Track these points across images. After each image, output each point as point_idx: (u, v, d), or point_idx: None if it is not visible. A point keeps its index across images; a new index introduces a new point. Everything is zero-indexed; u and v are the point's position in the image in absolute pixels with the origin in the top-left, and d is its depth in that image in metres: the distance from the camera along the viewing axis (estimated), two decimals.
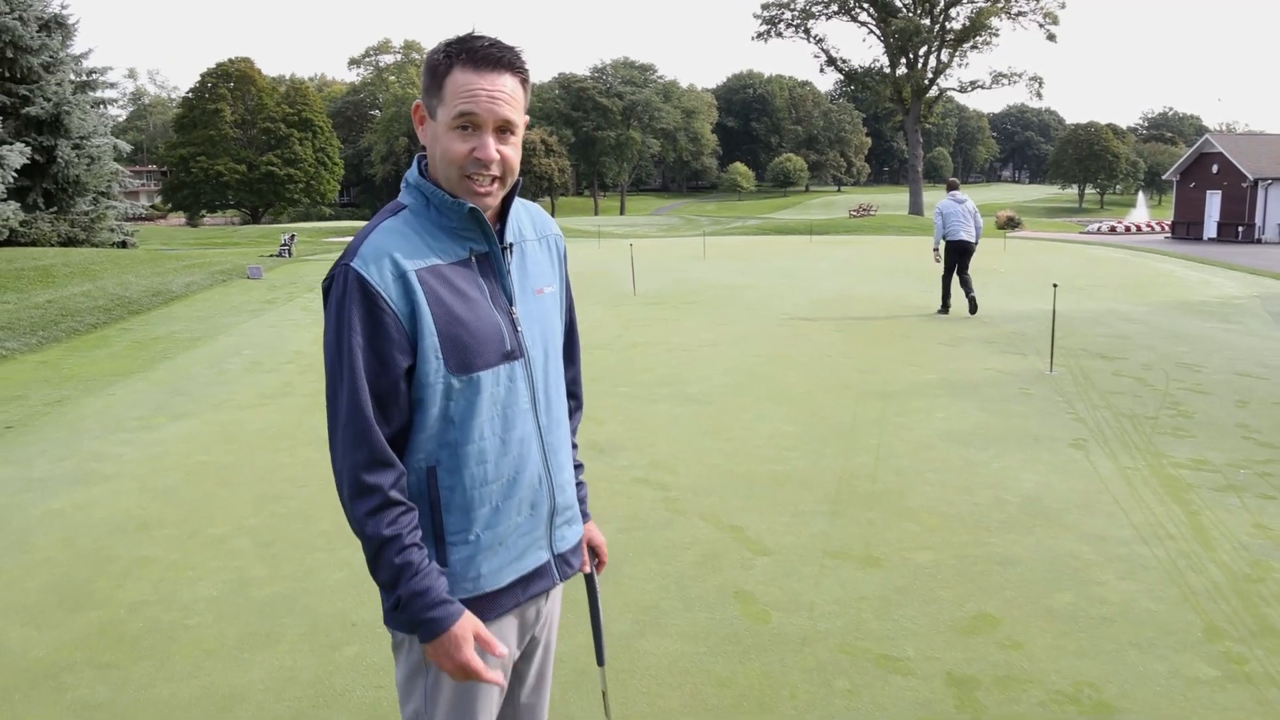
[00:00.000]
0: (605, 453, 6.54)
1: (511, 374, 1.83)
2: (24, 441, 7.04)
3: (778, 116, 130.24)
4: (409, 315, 1.71)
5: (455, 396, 1.76)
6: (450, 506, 1.79)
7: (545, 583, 1.95)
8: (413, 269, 1.73)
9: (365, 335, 1.70)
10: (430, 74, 1.76)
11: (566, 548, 2.00)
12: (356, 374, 1.69)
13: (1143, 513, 5.27)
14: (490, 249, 1.84)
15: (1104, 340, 11.19)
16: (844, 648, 3.75)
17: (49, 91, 24.73)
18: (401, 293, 1.71)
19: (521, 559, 1.88)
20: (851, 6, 65.62)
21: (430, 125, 1.78)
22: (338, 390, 1.72)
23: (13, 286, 15.59)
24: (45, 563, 4.68)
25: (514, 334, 1.84)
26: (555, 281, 1.99)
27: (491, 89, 1.72)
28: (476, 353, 1.77)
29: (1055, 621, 3.96)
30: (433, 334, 1.72)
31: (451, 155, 1.75)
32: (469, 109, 1.71)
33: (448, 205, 1.78)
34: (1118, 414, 7.54)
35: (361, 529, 1.71)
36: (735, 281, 18.53)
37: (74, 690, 3.45)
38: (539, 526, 1.91)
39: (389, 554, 1.71)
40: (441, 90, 1.73)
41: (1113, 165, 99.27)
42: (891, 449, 6.57)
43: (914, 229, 45.53)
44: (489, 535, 1.82)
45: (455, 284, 1.77)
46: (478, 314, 1.78)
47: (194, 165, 77.27)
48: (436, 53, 1.76)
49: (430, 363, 1.73)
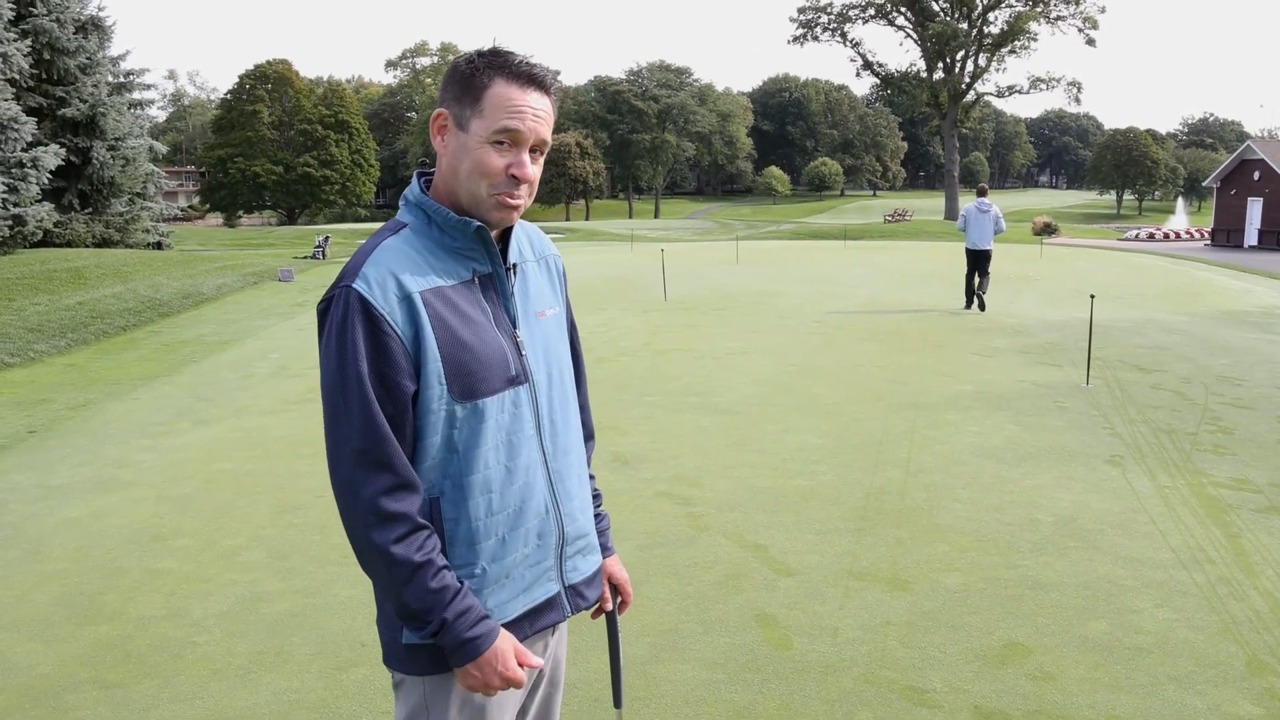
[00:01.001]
0: (629, 465, 6.43)
1: (516, 399, 1.77)
2: (46, 446, 7.05)
3: (813, 120, 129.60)
4: (413, 339, 1.65)
5: (459, 424, 1.70)
6: (455, 539, 1.72)
7: (555, 615, 1.88)
8: (417, 290, 1.67)
9: (370, 360, 1.63)
10: (464, 84, 1.70)
11: (579, 579, 1.92)
12: (368, 398, 1.62)
13: (1181, 535, 5.08)
14: (494, 270, 1.79)
15: (1142, 351, 10.92)
16: (868, 677, 3.61)
17: (85, 93, 25.00)
18: (406, 316, 1.65)
19: (530, 591, 1.81)
20: (888, 10, 65.12)
21: (457, 136, 1.72)
22: (346, 416, 1.63)
23: (45, 288, 15.75)
24: (57, 574, 4.63)
25: (518, 358, 1.78)
26: (557, 304, 1.94)
27: (535, 108, 1.70)
28: (481, 378, 1.71)
29: (1089, 652, 3.80)
30: (436, 359, 1.66)
31: (486, 169, 1.69)
32: (514, 125, 1.67)
33: (452, 224, 1.73)
34: (1156, 430, 7.32)
35: (390, 558, 1.63)
36: (767, 287, 18.37)
37: (75, 711, 3.38)
38: (548, 557, 1.84)
39: (425, 579, 1.64)
40: (480, 102, 1.68)
41: (1152, 171, 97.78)
42: (921, 464, 6.40)
43: (949, 235, 45.07)
44: (495, 568, 1.75)
45: (459, 306, 1.72)
46: (482, 338, 1.72)
47: (231, 166, 78.12)
48: (470, 63, 1.71)
49: (433, 389, 1.67)
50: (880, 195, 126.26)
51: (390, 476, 1.63)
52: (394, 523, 1.62)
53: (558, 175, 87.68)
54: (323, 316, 1.69)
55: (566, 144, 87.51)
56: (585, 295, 16.87)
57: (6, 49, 20.43)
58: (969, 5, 62.99)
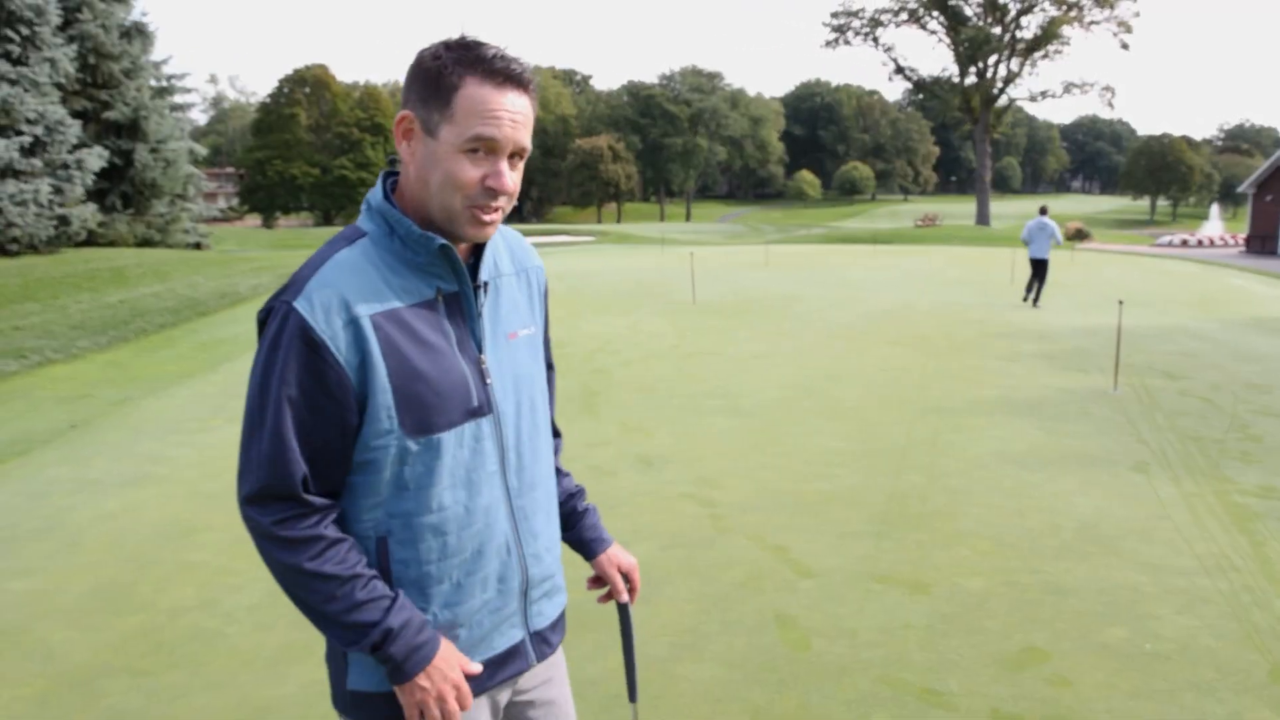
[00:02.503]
0: (652, 466, 6.49)
1: (478, 433, 1.58)
2: (85, 441, 7.21)
3: (845, 125, 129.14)
4: (358, 367, 1.47)
5: (410, 460, 1.52)
6: (403, 582, 1.55)
7: (519, 664, 1.71)
8: (367, 314, 1.47)
9: (302, 389, 1.46)
10: (431, 83, 1.48)
11: (544, 624, 1.76)
12: (283, 430, 1.46)
13: (1205, 542, 5.06)
14: (461, 288, 1.59)
15: (1171, 358, 10.82)
16: (885, 679, 3.63)
17: (128, 97, 25.49)
18: (351, 342, 1.46)
19: (489, 640, 1.65)
20: (921, 15, 64.83)
21: (425, 143, 1.51)
22: (257, 443, 1.48)
23: (88, 286, 16.06)
24: (93, 565, 4.76)
25: (482, 387, 1.59)
26: (532, 323, 1.75)
27: (512, 111, 1.49)
28: (438, 410, 1.53)
29: (1108, 658, 3.80)
30: (386, 391, 1.48)
31: (459, 181, 1.49)
32: (489, 133, 1.47)
33: (414, 238, 1.54)
34: (1183, 436, 7.27)
35: (309, 579, 1.48)
36: (795, 292, 18.36)
37: (108, 698, 3.48)
38: (510, 602, 1.67)
39: (353, 591, 1.49)
40: (450, 106, 1.47)
41: (1186, 177, 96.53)
42: (944, 468, 6.40)
43: (980, 240, 44.74)
44: (448, 614, 1.59)
45: (416, 331, 1.52)
46: (441, 366, 1.54)
47: (270, 168, 79.10)
48: (437, 58, 1.48)
49: (380, 423, 1.49)
50: (911, 200, 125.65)
51: (290, 506, 1.48)
52: (304, 544, 1.47)
53: (590, 179, 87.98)
54: (261, 327, 1.52)
55: (599, 147, 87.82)
56: (614, 298, 16.96)
57: (54, 54, 20.88)
58: (1002, 10, 62.56)
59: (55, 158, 20.87)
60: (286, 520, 1.48)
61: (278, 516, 1.48)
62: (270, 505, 1.48)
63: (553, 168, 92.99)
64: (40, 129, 20.19)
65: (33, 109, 19.85)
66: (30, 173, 19.94)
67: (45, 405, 8.53)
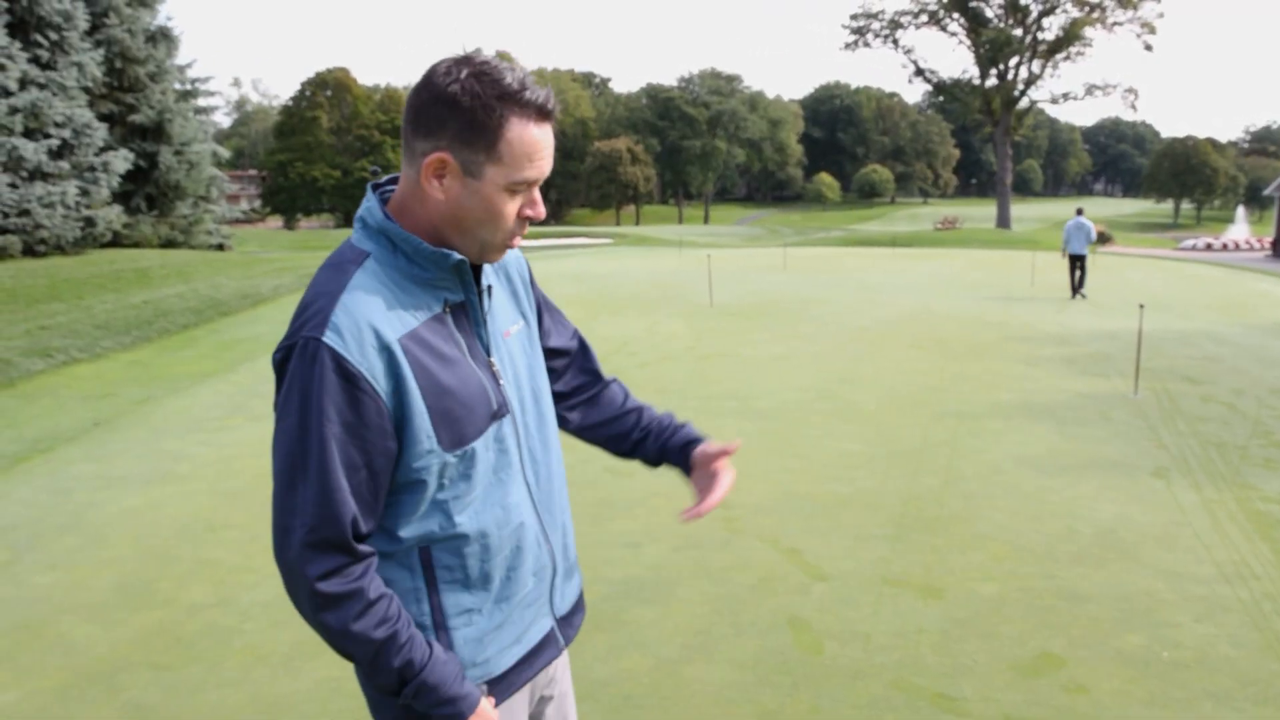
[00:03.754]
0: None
1: (500, 434, 1.61)
2: (109, 439, 7.30)
3: (864, 127, 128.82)
4: (393, 393, 1.46)
5: (450, 473, 1.53)
6: (450, 586, 1.58)
7: (552, 652, 1.76)
8: (396, 338, 1.46)
9: (345, 424, 1.42)
10: (473, 125, 1.44)
11: (567, 608, 1.80)
12: (331, 469, 1.42)
13: (1226, 549, 5.02)
14: (466, 297, 1.59)
15: (1193, 363, 10.74)
16: (898, 683, 3.63)
17: (153, 100, 25.75)
18: (386, 369, 1.44)
19: (528, 632, 1.70)
20: (941, 17, 64.55)
21: (465, 183, 1.48)
22: (298, 484, 1.44)
23: (112, 287, 16.23)
24: (115, 561, 4.83)
25: (496, 389, 1.61)
26: (520, 318, 1.75)
27: (549, 146, 1.50)
28: (468, 421, 1.54)
29: (1124, 665, 3.78)
30: (423, 412, 1.47)
31: (503, 219, 1.51)
32: (535, 175, 1.48)
33: (425, 255, 1.51)
34: (1204, 442, 7.21)
35: (349, 639, 1.47)
36: (813, 294, 18.32)
37: (128, 691, 3.53)
38: (544, 593, 1.73)
39: (387, 659, 1.49)
40: (495, 149, 1.45)
41: (1211, 180, 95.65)
42: (961, 472, 6.38)
43: (1001, 243, 44.51)
44: (498, 613, 1.63)
45: (436, 347, 1.51)
46: (462, 377, 1.54)
47: (292, 170, 79.71)
48: (474, 96, 1.43)
49: (421, 444, 1.49)
50: (931, 203, 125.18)
51: (341, 557, 1.45)
52: (347, 602, 1.46)
53: (608, 181, 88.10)
54: (282, 367, 1.46)
55: (617, 149, 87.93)
56: (632, 300, 16.97)
57: (82, 59, 21.14)
58: (1023, 11, 62.20)
59: (82, 160, 21.12)
60: (331, 574, 1.45)
61: (324, 569, 1.45)
62: (320, 557, 1.45)
63: (571, 170, 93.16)
64: (68, 132, 20.43)
65: (61, 112, 20.09)
66: (58, 175, 20.18)
67: (70, 403, 8.64)
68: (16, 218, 18.95)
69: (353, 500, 1.45)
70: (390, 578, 1.56)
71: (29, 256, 19.69)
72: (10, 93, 19.07)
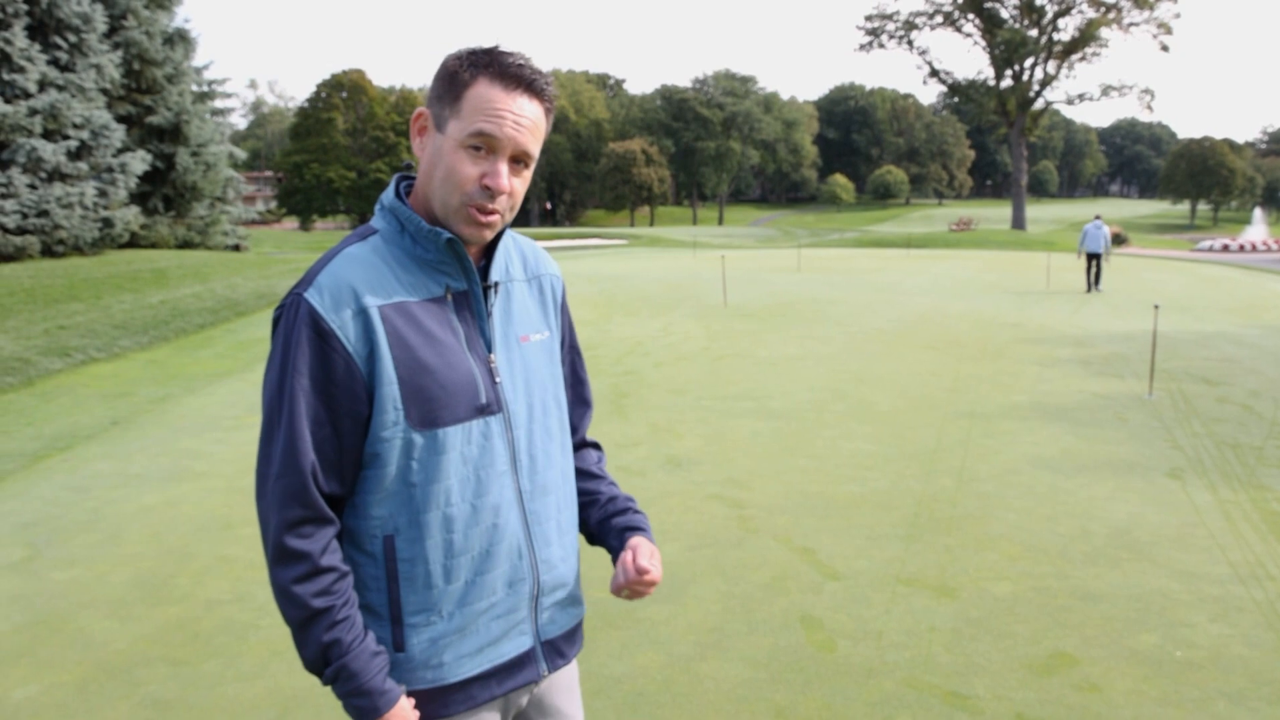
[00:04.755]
0: (681, 467, 6.51)
1: (486, 431, 1.58)
2: (127, 437, 7.37)
3: (879, 128, 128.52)
4: (366, 358, 1.49)
5: (417, 454, 1.53)
6: (411, 582, 1.55)
7: (529, 674, 1.68)
8: (375, 305, 1.50)
9: (313, 379, 1.48)
10: (447, 81, 1.52)
11: (557, 633, 1.72)
12: (297, 421, 1.48)
13: (1241, 550, 5.00)
14: (470, 287, 1.60)
15: (1209, 364, 10.68)
16: (911, 682, 3.63)
17: (171, 101, 25.91)
18: (360, 332, 1.49)
19: (498, 645, 1.63)
20: (956, 18, 64.38)
21: (434, 138, 1.54)
22: (273, 436, 1.50)
23: (130, 287, 16.34)
24: (134, 557, 4.88)
25: (491, 385, 1.59)
26: (546, 329, 1.74)
27: (517, 113, 1.51)
28: (444, 405, 1.53)
29: (1138, 664, 3.77)
30: (393, 382, 1.50)
31: (458, 177, 1.52)
32: (488, 130, 1.49)
33: (423, 233, 1.56)
34: (1220, 443, 7.18)
35: (287, 598, 1.49)
36: (827, 295, 18.30)
37: (146, 686, 3.57)
38: (520, 607, 1.65)
39: (317, 630, 1.49)
40: (459, 102, 1.51)
41: (1228, 180, 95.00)
42: (975, 472, 6.37)
43: (1015, 244, 44.33)
44: (458, 615, 1.58)
45: (424, 325, 1.54)
46: (448, 360, 1.55)
47: (307, 172, 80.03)
48: (457, 59, 1.53)
49: (388, 414, 1.50)
50: (946, 204, 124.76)
51: (299, 510, 1.48)
52: (294, 562, 1.48)
53: (623, 182, 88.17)
54: (274, 326, 1.54)
55: (632, 151, 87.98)
56: (646, 301, 17.00)
57: (100, 61, 21.30)
58: (1039, 12, 61.95)
59: (100, 161, 21.28)
60: (292, 526, 1.49)
61: (286, 519, 1.49)
62: (285, 505, 1.49)
63: (586, 171, 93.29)
64: (86, 133, 20.59)
65: (79, 114, 20.25)
66: (76, 176, 20.33)
67: (89, 402, 8.72)
68: (35, 218, 19.11)
69: (314, 453, 1.49)
70: (356, 561, 1.57)
71: (48, 257, 19.85)
72: (30, 94, 19.24)
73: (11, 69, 18.74)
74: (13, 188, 18.54)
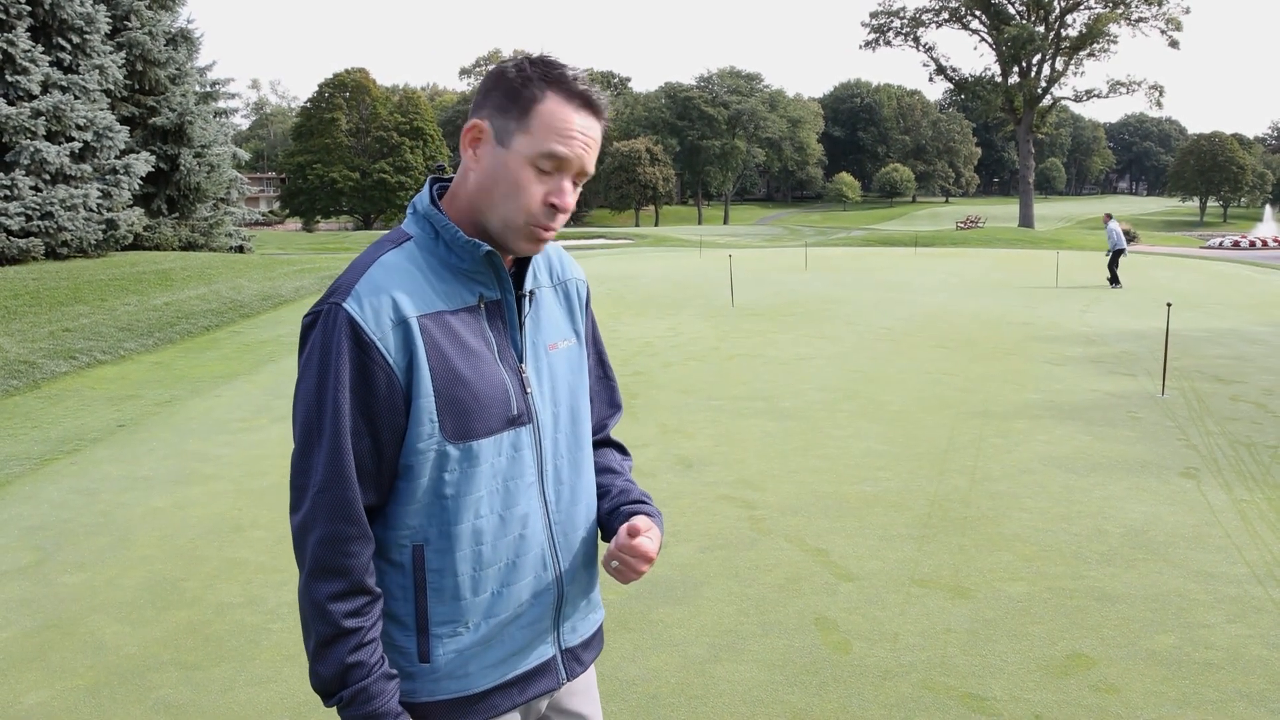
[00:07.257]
0: (692, 468, 6.48)
1: (516, 442, 1.58)
2: (134, 440, 7.35)
3: (885, 126, 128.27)
4: (405, 369, 1.47)
5: (450, 467, 1.52)
6: (439, 593, 1.55)
7: (548, 682, 1.68)
8: (414, 316, 1.48)
9: (354, 391, 1.46)
10: (511, 95, 1.49)
11: (577, 641, 1.73)
12: (341, 433, 1.46)
13: (1258, 549, 4.95)
14: (503, 296, 1.59)
15: (1222, 362, 10.62)
16: (927, 683, 3.60)
17: (174, 102, 25.91)
18: (400, 343, 1.47)
19: (521, 654, 1.63)
20: (963, 14, 64.16)
21: (494, 151, 1.51)
22: (313, 448, 1.47)
23: (134, 289, 16.35)
24: (143, 561, 4.86)
25: (522, 395, 1.58)
26: (573, 335, 1.73)
27: (585, 133, 1.51)
28: (478, 417, 1.52)
29: (1155, 665, 3.74)
30: (429, 394, 1.48)
31: (524, 197, 1.50)
32: (563, 151, 1.48)
33: (460, 244, 1.53)
34: (1234, 442, 7.13)
35: (318, 613, 1.47)
36: (835, 294, 18.26)
37: (158, 690, 3.55)
38: (544, 617, 1.65)
39: (341, 650, 1.47)
40: (527, 118, 1.48)
41: (1238, 177, 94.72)
42: (988, 472, 6.33)
43: (1023, 242, 44.23)
44: (485, 627, 1.58)
45: (460, 336, 1.53)
46: (482, 371, 1.53)
47: (310, 172, 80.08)
48: (521, 71, 1.49)
49: (423, 426, 1.49)
50: (953, 202, 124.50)
51: (344, 523, 1.47)
52: (335, 578, 1.47)
53: (628, 181, 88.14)
54: (306, 333, 1.51)
55: (636, 150, 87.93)
56: (653, 301, 16.96)
57: (103, 62, 21.30)
58: (1046, 8, 61.73)
59: (104, 163, 21.28)
60: (332, 541, 1.47)
61: (327, 534, 1.47)
62: (329, 517, 1.47)
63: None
64: (90, 135, 20.59)
65: (83, 115, 20.25)
66: (80, 178, 20.34)
67: (95, 405, 8.71)
68: (39, 220, 19.11)
69: (355, 466, 1.47)
70: (381, 569, 1.55)
71: (52, 259, 19.86)
72: (33, 96, 19.24)
73: (15, 70, 18.75)
74: (16, 190, 18.55)
